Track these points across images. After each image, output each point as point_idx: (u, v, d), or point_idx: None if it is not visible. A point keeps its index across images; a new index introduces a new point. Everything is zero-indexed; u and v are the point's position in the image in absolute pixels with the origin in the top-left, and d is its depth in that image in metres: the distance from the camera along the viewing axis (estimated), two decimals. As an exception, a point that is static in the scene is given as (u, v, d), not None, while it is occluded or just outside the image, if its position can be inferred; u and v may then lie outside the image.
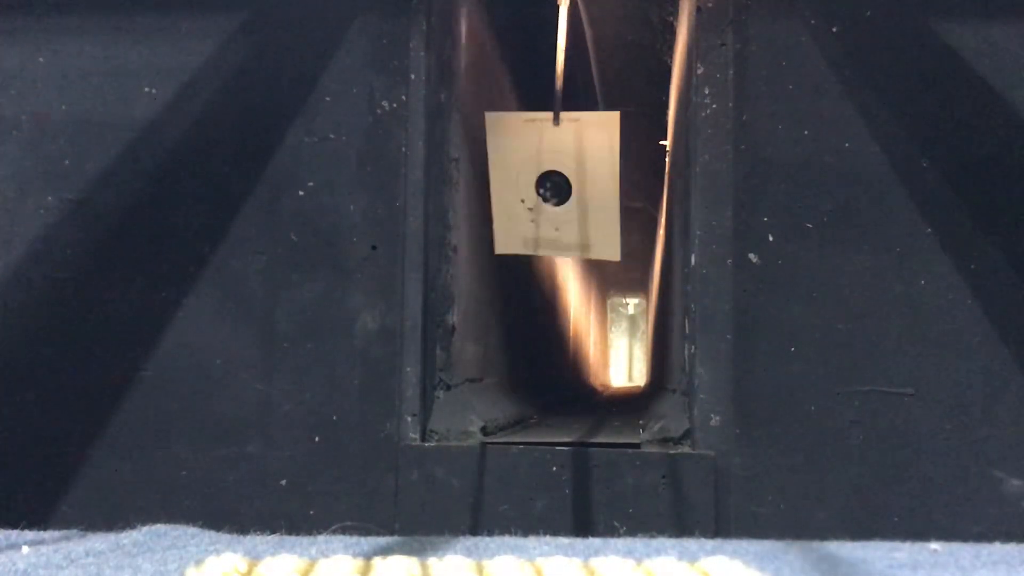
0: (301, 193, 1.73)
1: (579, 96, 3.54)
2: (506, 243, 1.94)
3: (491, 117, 1.90)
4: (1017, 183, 1.61)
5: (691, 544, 1.11)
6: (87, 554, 1.04)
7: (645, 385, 5.76)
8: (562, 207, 1.89)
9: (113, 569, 0.97)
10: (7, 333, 1.74)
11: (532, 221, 1.90)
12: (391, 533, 1.65)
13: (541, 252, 1.96)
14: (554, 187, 1.89)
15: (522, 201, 1.90)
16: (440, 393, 1.81)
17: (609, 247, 1.90)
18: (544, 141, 1.87)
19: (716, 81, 1.68)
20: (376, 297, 1.71)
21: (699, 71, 1.69)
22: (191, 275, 1.73)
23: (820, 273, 1.63)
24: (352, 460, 1.69)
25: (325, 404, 1.70)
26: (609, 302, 10.64)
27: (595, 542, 1.15)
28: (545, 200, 1.89)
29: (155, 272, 1.73)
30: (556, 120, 1.85)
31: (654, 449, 1.67)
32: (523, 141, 1.87)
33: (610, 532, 1.61)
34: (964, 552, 1.08)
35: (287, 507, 1.68)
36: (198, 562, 0.92)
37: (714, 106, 1.68)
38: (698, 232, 1.67)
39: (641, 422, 2.16)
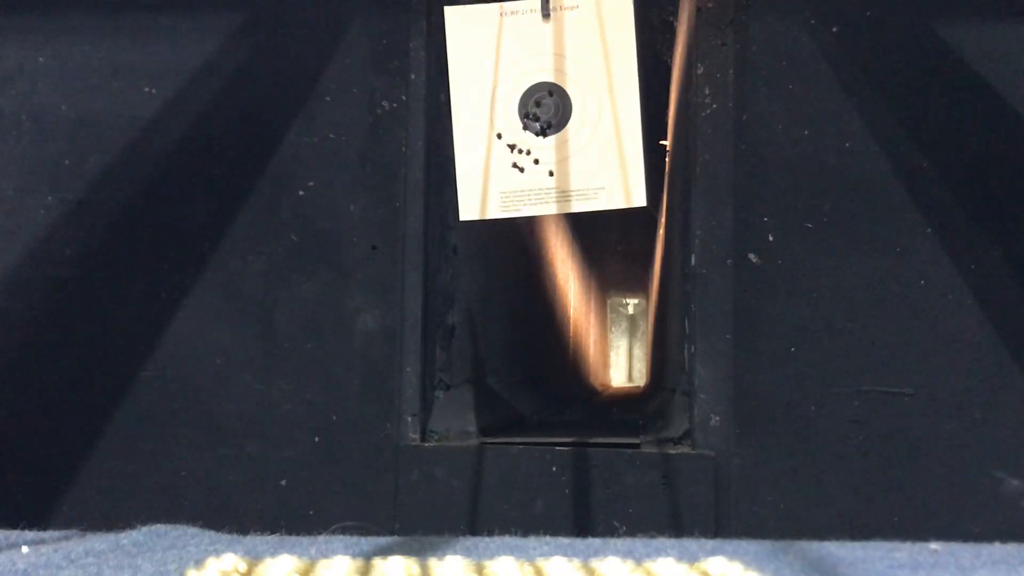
0: (301, 193, 1.73)
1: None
2: (476, 203, 1.38)
3: (452, 13, 1.41)
4: (1017, 183, 1.61)
5: (691, 544, 1.11)
6: (87, 554, 1.04)
7: (645, 385, 5.76)
8: (557, 135, 1.36)
9: (113, 569, 0.97)
10: (7, 333, 1.74)
11: (515, 166, 1.37)
12: (391, 533, 1.65)
13: (531, 211, 1.38)
14: (544, 109, 1.38)
15: (498, 136, 1.37)
16: (440, 393, 1.81)
17: (630, 189, 1.36)
18: (530, 41, 1.38)
19: (716, 81, 1.67)
20: (376, 297, 1.71)
21: (699, 71, 1.69)
22: (191, 275, 1.73)
23: (820, 273, 1.63)
24: (352, 460, 1.69)
25: (325, 404, 1.70)
26: (609, 302, 10.63)
27: (595, 542, 1.15)
28: (532, 129, 1.37)
29: (155, 272, 1.73)
30: (546, 10, 1.36)
31: (654, 449, 1.67)
32: (499, 43, 1.40)
33: (610, 532, 1.61)
34: (964, 552, 1.08)
35: (287, 507, 1.68)
36: (198, 562, 0.92)
37: (714, 106, 1.68)
38: (698, 232, 1.67)
39: (641, 422, 2.16)
